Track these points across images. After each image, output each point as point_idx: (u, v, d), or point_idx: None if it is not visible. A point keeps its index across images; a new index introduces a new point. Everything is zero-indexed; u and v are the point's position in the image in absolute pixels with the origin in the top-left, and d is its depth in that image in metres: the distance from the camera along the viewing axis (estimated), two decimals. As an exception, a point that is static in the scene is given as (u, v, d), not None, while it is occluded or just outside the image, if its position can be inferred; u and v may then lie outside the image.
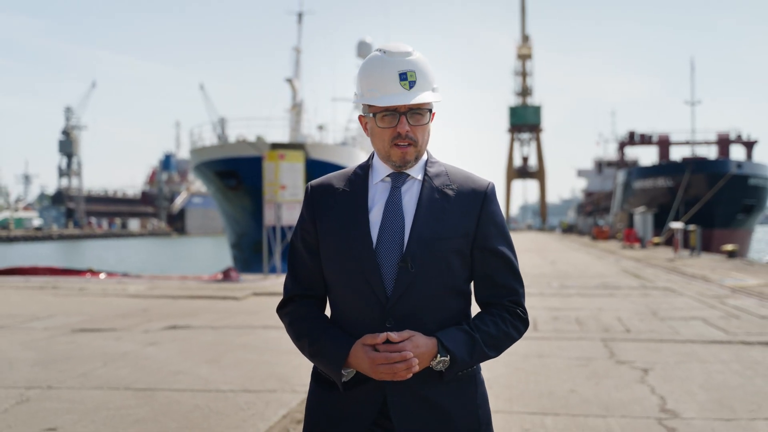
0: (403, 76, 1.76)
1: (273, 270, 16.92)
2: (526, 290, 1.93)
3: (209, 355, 6.62)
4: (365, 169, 1.90)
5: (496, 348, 1.82)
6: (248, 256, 26.86)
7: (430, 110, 1.82)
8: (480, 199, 1.84)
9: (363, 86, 1.82)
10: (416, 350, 1.69)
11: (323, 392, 1.84)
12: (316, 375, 1.88)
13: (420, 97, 1.76)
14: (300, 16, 32.00)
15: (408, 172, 1.84)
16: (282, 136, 29.16)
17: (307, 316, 1.86)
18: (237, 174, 26.15)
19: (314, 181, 1.93)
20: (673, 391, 5.14)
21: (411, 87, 1.77)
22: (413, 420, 1.77)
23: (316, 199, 1.88)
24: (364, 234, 1.79)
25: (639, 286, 13.40)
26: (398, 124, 1.77)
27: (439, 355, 1.72)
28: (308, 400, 1.90)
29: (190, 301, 11.25)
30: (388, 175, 1.84)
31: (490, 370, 5.65)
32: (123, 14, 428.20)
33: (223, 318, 9.22)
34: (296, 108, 31.26)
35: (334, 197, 1.86)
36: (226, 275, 14.98)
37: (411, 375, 1.70)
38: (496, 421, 4.37)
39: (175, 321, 8.85)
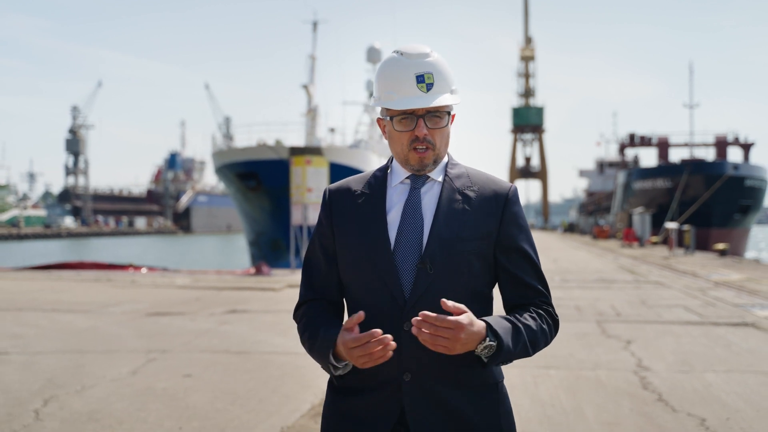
0: (420, 79, 1.74)
1: (300, 265, 18.44)
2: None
3: (276, 330, 8.13)
4: (384, 171, 1.87)
5: (534, 345, 1.77)
6: (266, 253, 28.37)
7: (449, 113, 1.79)
8: (502, 200, 1.81)
9: (380, 88, 1.79)
10: (470, 328, 1.62)
11: (339, 401, 1.81)
12: (331, 383, 1.85)
13: (438, 100, 1.74)
14: (315, 24, 33.63)
15: (428, 174, 1.82)
16: (298, 139, 30.76)
17: (312, 314, 1.84)
18: (257, 176, 27.71)
19: (332, 185, 1.91)
20: (649, 355, 6.65)
21: (429, 89, 1.74)
22: (432, 429, 1.72)
23: (333, 203, 1.86)
24: (382, 235, 1.77)
25: (633, 280, 14.89)
26: (416, 128, 1.75)
27: (487, 339, 1.66)
28: (324, 408, 1.86)
29: (235, 291, 12.75)
30: (407, 177, 1.82)
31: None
32: (128, 14, 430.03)
33: (272, 305, 10.72)
34: (311, 112, 32.91)
35: (353, 200, 1.84)
36: (258, 270, 16.49)
37: (389, 354, 1.64)
38: (512, 371, 5.89)
39: (233, 307, 10.36)
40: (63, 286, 13.64)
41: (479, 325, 1.66)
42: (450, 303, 1.64)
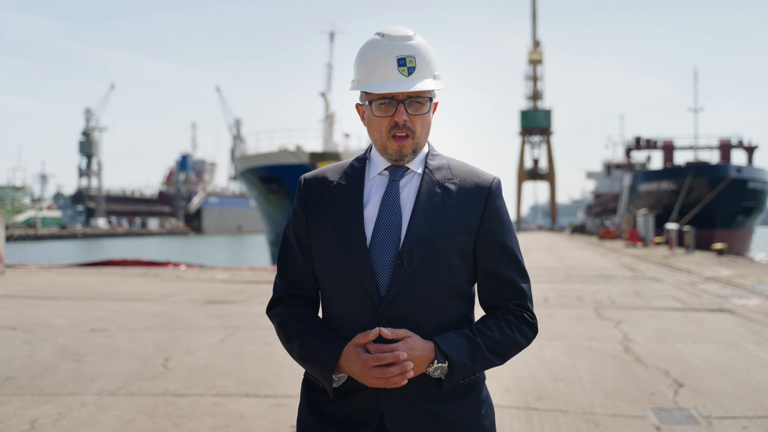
0: (401, 62, 1.66)
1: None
2: (539, 280, 2.30)
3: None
4: (362, 161, 1.80)
5: (501, 355, 1.72)
6: (287, 252, 29.98)
7: (431, 99, 1.71)
8: (484, 194, 1.74)
9: (360, 72, 1.73)
10: (411, 353, 1.59)
11: (315, 403, 1.76)
12: (306, 384, 1.80)
13: (419, 85, 1.66)
14: (332, 35, 35.25)
15: (407, 165, 1.75)
16: (316, 144, 32.39)
17: (298, 316, 1.77)
18: (278, 179, 29.33)
19: (307, 174, 1.85)
20: (634, 331, 8.13)
21: (410, 73, 1.67)
22: None
23: (308, 193, 1.80)
24: (358, 230, 1.70)
25: (631, 276, 16.33)
26: (396, 113, 1.68)
27: (436, 361, 1.62)
28: (300, 412, 1.81)
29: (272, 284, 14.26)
30: (386, 168, 1.76)
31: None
32: (137, 15, 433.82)
33: (310, 295, 12.22)
34: (329, 119, 34.55)
35: (328, 191, 1.77)
36: (288, 267, 18.06)
37: (405, 381, 1.59)
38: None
39: (277, 296, 11.86)
40: (116, 280, 15.18)
41: (425, 347, 1.63)
42: (386, 330, 1.62)
